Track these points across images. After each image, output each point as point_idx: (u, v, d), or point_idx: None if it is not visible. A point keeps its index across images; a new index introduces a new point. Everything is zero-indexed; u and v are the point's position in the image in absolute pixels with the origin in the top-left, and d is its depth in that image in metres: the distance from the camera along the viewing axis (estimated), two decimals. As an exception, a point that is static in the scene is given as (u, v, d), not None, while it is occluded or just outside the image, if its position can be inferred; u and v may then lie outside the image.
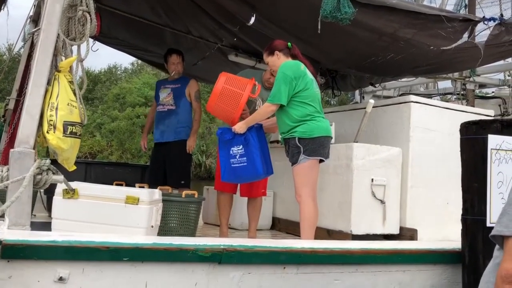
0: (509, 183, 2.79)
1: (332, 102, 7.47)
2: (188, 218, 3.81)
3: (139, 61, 25.79)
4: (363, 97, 7.27)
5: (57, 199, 3.10)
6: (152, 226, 3.34)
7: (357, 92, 7.54)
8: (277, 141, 4.87)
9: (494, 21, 4.58)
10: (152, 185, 4.09)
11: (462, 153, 3.13)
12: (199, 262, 2.68)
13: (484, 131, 2.90)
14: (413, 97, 4.61)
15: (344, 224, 4.26)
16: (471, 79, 6.43)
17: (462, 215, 3.11)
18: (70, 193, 3.25)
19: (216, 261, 2.70)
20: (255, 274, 2.80)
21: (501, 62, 5.98)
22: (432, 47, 4.64)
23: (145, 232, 3.19)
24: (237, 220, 5.12)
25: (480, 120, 3.10)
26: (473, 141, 2.96)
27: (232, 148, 3.82)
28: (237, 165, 3.81)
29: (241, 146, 3.78)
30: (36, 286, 2.42)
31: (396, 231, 4.38)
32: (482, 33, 4.65)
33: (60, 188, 3.12)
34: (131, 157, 25.05)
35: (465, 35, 4.64)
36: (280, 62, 3.80)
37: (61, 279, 2.46)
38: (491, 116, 5.06)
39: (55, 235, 2.52)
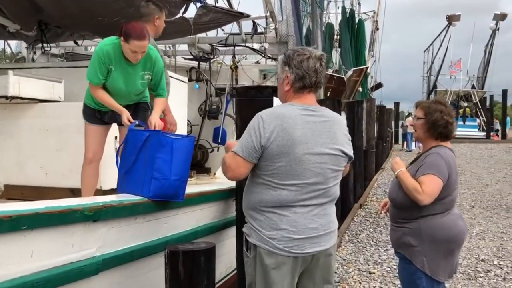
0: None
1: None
2: None
3: None
4: (35, 52, 6.89)
5: None
6: None
7: (24, 49, 7.11)
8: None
9: (201, 3, 5.55)
10: None
11: None
12: (78, 222, 2.54)
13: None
14: None
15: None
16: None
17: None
18: None
19: (93, 219, 2.62)
20: (116, 227, 2.85)
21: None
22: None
23: None
24: None
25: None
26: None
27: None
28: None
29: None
30: None
31: None
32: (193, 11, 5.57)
33: None
34: None
35: (181, 11, 5.45)
36: None
37: None
38: (185, 82, 6.06)
39: None
